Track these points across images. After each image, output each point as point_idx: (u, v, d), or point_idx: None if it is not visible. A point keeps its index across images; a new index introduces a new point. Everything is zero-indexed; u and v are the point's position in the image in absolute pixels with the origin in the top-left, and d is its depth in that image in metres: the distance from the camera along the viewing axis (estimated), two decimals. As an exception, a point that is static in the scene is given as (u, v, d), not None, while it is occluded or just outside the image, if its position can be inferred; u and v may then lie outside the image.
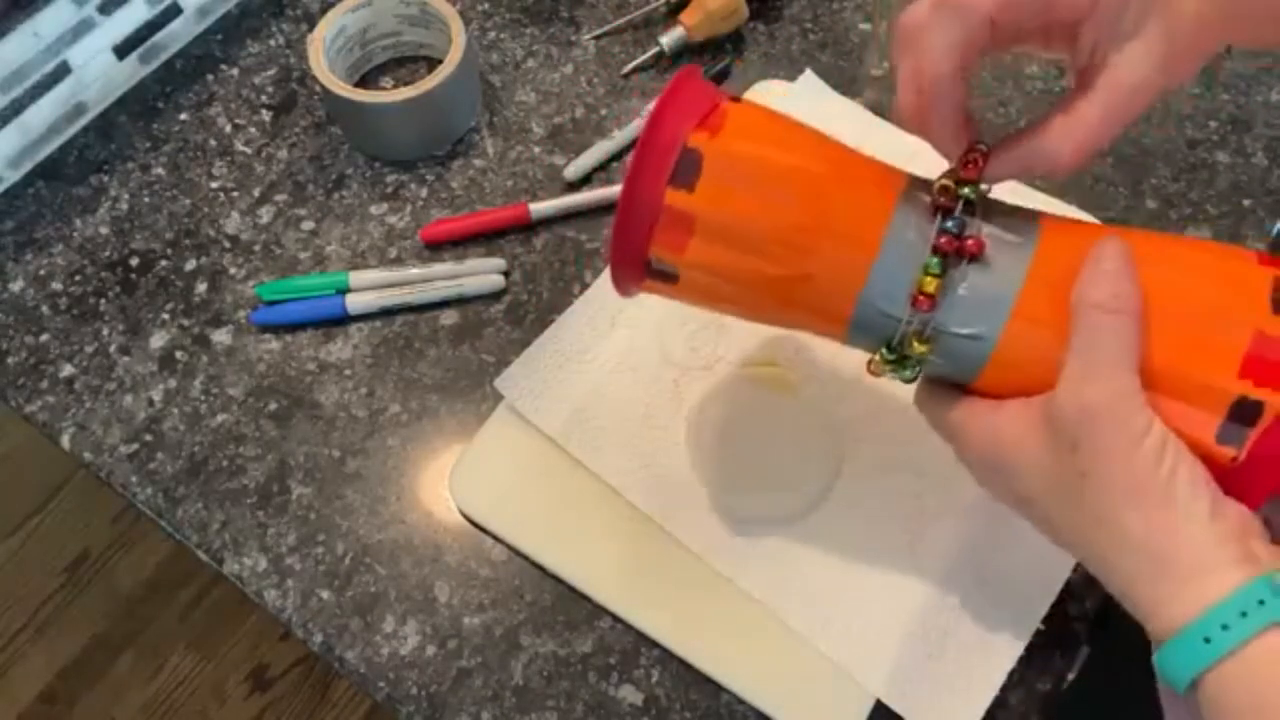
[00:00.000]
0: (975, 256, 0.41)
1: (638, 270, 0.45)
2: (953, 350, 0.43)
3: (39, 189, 0.71)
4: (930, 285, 0.41)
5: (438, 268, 0.66)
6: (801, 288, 0.44)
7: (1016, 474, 0.42)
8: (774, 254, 0.43)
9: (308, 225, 0.69)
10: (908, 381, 0.45)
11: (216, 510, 0.60)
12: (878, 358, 0.44)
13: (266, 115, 0.74)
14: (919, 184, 0.44)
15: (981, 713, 0.52)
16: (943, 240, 0.41)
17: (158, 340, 0.65)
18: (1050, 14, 0.40)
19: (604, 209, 0.68)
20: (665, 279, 0.45)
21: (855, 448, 0.59)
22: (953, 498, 0.56)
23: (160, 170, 0.71)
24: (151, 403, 0.63)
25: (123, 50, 0.73)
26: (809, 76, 0.73)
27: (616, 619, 0.56)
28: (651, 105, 0.43)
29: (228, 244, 0.68)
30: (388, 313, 0.65)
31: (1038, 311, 0.41)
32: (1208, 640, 0.37)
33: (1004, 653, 0.53)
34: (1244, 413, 0.39)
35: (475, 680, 0.55)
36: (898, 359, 0.44)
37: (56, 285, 0.67)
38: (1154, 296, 0.40)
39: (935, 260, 0.41)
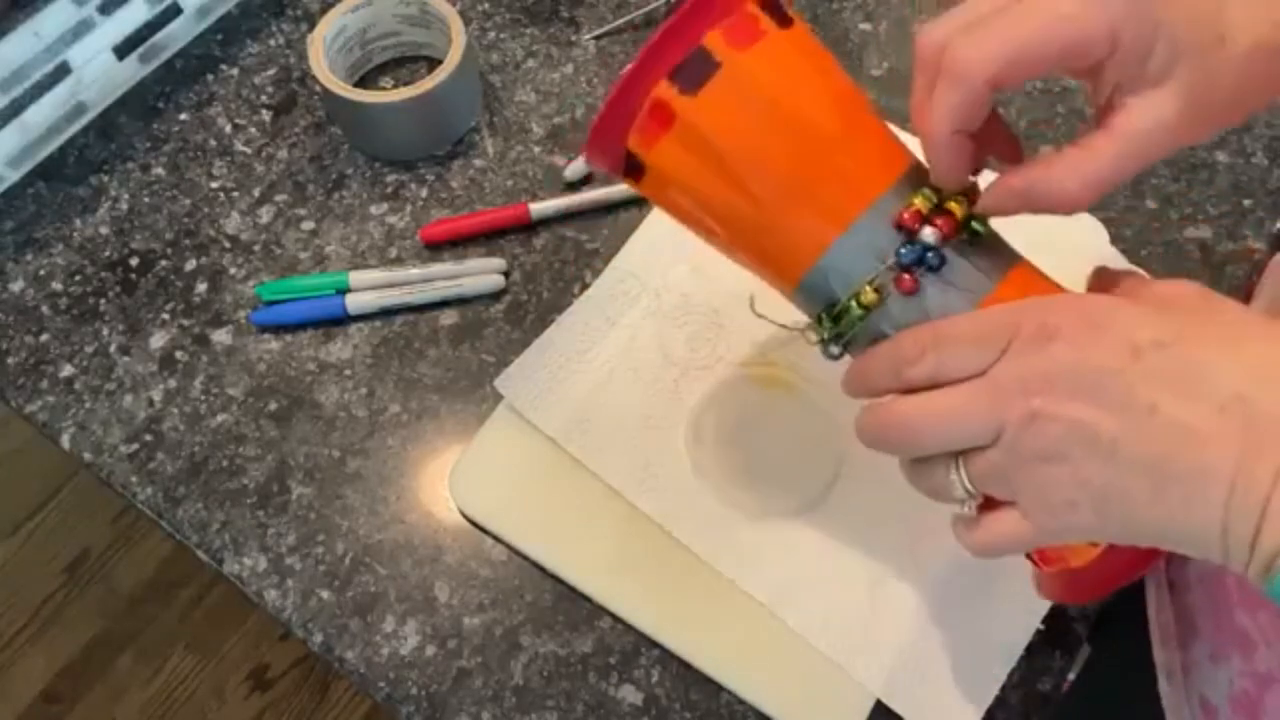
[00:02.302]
0: (909, 292, 0.41)
1: (616, 156, 0.44)
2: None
3: (39, 189, 0.71)
4: (868, 296, 0.41)
5: (438, 268, 0.66)
6: (760, 234, 0.43)
7: (1135, 318, 0.37)
8: (749, 192, 0.42)
9: (308, 225, 0.69)
10: (832, 358, 0.45)
11: (216, 510, 0.60)
12: (814, 326, 0.44)
13: (266, 115, 0.74)
14: (917, 176, 0.43)
15: (981, 713, 0.52)
16: (889, 263, 0.41)
17: (158, 340, 0.65)
18: (1064, 66, 0.40)
19: (604, 209, 0.68)
20: (634, 174, 0.45)
21: (855, 448, 0.58)
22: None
23: (160, 170, 0.71)
24: (151, 403, 0.63)
25: (123, 50, 0.73)
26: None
27: (616, 619, 0.56)
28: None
29: (228, 244, 0.68)
30: (388, 313, 0.65)
31: None
32: None
33: (1004, 653, 0.53)
34: None
35: (475, 680, 0.55)
36: (831, 336, 0.43)
37: (56, 285, 0.67)
38: None
39: (877, 276, 0.41)
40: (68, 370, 0.64)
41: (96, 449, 0.62)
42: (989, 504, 0.40)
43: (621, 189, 0.68)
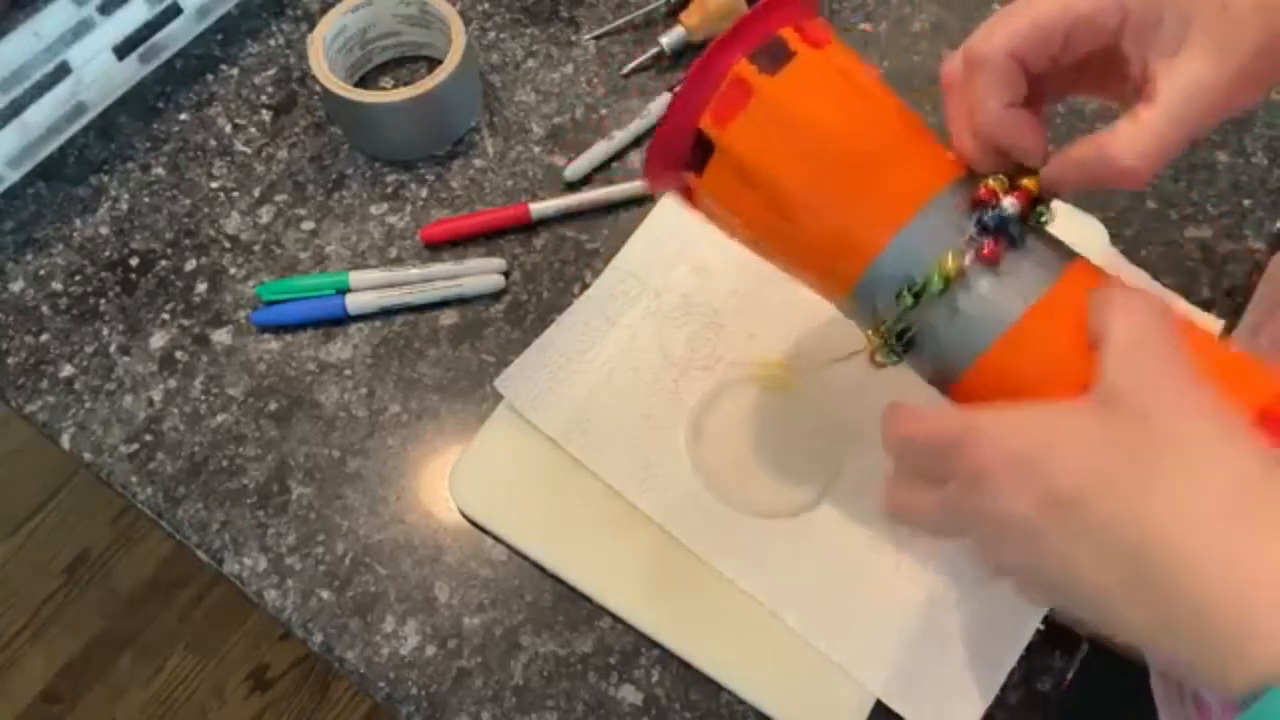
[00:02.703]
0: (991, 261, 0.42)
1: (685, 140, 0.45)
2: (947, 338, 0.43)
3: (39, 189, 0.71)
4: (949, 265, 0.42)
5: (438, 268, 0.66)
6: (826, 224, 0.44)
7: (1062, 462, 0.36)
8: (822, 174, 0.44)
9: (308, 225, 0.69)
10: (894, 358, 0.45)
11: (216, 510, 0.60)
12: (875, 327, 0.45)
13: (266, 115, 0.74)
14: (965, 181, 0.44)
15: (981, 713, 0.52)
16: (970, 234, 0.42)
17: (158, 340, 0.65)
18: (1080, 38, 0.40)
19: (604, 209, 0.68)
20: (699, 162, 0.46)
21: (855, 448, 0.59)
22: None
23: (160, 170, 0.71)
24: (151, 403, 0.63)
25: (123, 50, 0.73)
26: (809, 76, 0.73)
27: (616, 619, 0.56)
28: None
29: (228, 244, 0.68)
30: (388, 313, 0.65)
31: (1046, 324, 0.41)
32: None
33: (1004, 653, 0.53)
34: None
35: (475, 680, 0.55)
36: (897, 329, 0.44)
37: (56, 285, 0.67)
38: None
39: (958, 247, 0.42)
40: (68, 370, 0.64)
41: (96, 449, 0.62)
42: None
43: (622, 189, 0.68)
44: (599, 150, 0.70)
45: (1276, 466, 0.34)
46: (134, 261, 0.68)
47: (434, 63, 0.71)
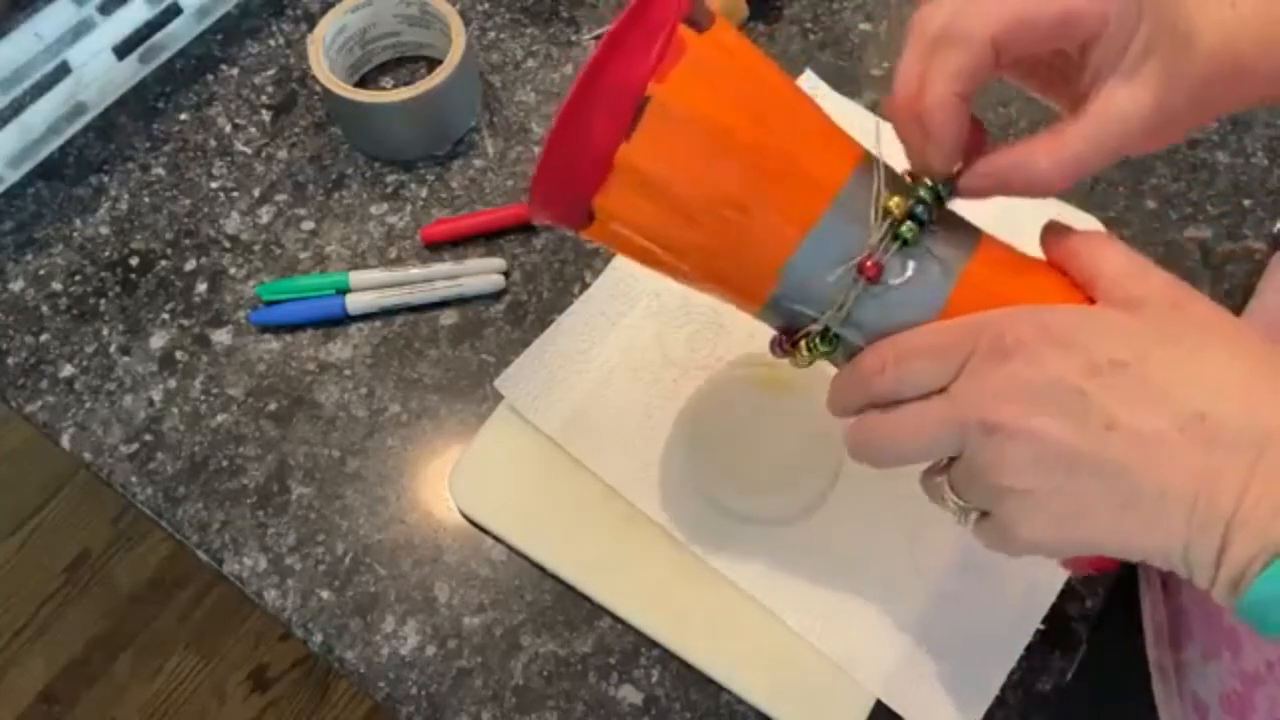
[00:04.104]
0: (872, 280, 0.40)
1: (565, 210, 0.42)
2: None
3: (39, 189, 0.71)
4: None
5: (438, 268, 0.66)
6: (720, 259, 0.42)
7: (1108, 336, 0.36)
8: (701, 222, 0.41)
9: (308, 225, 0.69)
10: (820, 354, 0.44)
11: (216, 510, 0.60)
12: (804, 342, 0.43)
13: (266, 115, 0.74)
14: (868, 166, 0.42)
15: (981, 713, 0.52)
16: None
17: (158, 340, 0.65)
18: (1060, 35, 0.40)
19: (604, 209, 0.68)
20: (582, 223, 0.43)
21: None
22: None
23: (160, 170, 0.71)
24: (151, 403, 0.63)
25: (123, 50, 0.73)
26: (809, 76, 0.73)
27: (616, 619, 0.56)
28: (607, 29, 0.39)
29: (228, 244, 0.68)
30: (388, 313, 0.65)
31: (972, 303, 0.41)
32: None
33: (1004, 653, 0.53)
34: None
35: (475, 680, 0.55)
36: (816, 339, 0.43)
37: (56, 285, 0.67)
38: None
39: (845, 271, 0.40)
40: (68, 370, 0.64)
41: (96, 449, 0.62)
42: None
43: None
44: (599, 150, 0.70)
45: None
46: (134, 261, 0.68)
47: (434, 63, 0.71)
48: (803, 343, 0.43)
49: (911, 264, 0.41)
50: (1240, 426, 0.34)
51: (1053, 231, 0.42)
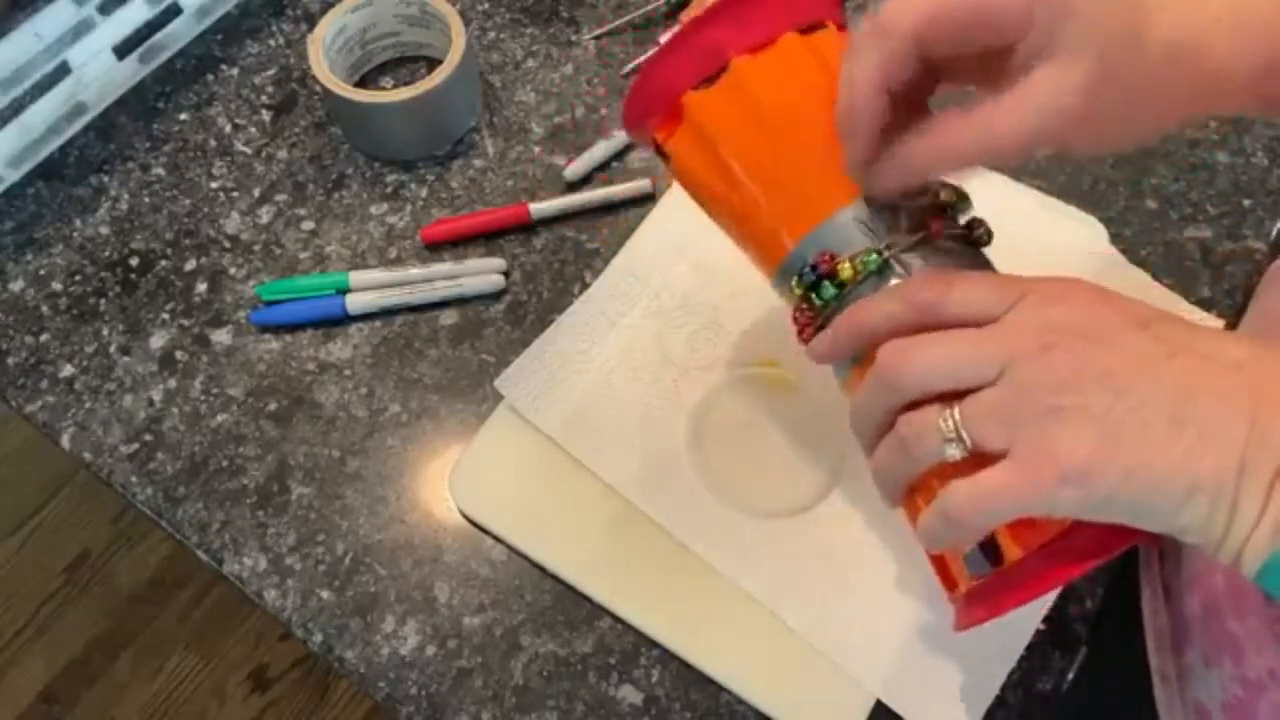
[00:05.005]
0: (834, 279, 0.44)
1: (637, 130, 0.49)
2: None
3: (39, 189, 0.71)
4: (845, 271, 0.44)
5: (438, 268, 0.66)
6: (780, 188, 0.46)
7: (1129, 303, 0.38)
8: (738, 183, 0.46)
9: (308, 225, 0.69)
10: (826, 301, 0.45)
11: (216, 510, 0.60)
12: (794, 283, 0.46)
13: (266, 115, 0.74)
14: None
15: (981, 713, 0.52)
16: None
17: (158, 340, 0.65)
18: (980, 27, 0.39)
19: (604, 209, 0.68)
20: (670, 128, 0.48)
21: (855, 448, 0.58)
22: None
23: (160, 170, 0.72)
24: (151, 403, 0.63)
25: (123, 50, 0.73)
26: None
27: (616, 619, 0.56)
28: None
29: (228, 244, 0.68)
30: (388, 313, 0.65)
31: None
32: None
33: (1004, 653, 0.53)
34: None
35: (475, 680, 0.55)
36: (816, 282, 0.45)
37: (56, 285, 0.67)
38: None
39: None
40: (68, 370, 0.64)
41: (96, 449, 0.62)
42: (974, 464, 0.38)
43: (622, 189, 0.68)
44: (599, 150, 0.70)
45: None
46: (134, 261, 0.68)
47: (434, 63, 0.71)
48: (849, 261, 0.43)
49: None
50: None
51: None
